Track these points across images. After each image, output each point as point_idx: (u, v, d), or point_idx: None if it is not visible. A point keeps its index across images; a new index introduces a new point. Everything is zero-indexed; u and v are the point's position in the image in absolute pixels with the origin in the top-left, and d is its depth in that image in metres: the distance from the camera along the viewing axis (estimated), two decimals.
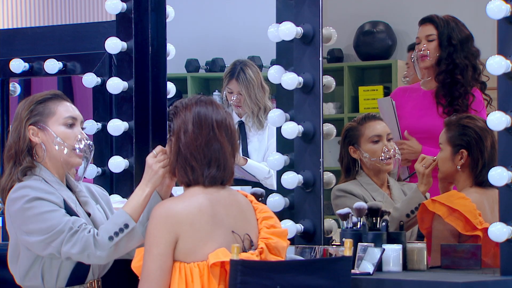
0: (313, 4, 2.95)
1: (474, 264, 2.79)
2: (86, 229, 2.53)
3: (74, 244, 2.50)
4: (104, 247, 2.51)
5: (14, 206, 2.57)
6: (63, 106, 2.67)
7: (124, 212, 2.54)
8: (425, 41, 3.53)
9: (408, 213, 3.13)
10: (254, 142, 4.23)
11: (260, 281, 2.35)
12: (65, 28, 3.86)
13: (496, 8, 2.60)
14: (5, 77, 3.61)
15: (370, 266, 2.68)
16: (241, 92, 4.20)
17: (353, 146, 3.37)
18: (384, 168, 3.36)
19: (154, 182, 2.55)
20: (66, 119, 2.66)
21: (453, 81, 3.49)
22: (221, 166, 2.47)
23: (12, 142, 2.65)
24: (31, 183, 2.59)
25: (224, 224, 2.46)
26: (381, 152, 3.34)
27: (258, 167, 4.10)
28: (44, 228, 2.52)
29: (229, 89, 4.23)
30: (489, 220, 2.95)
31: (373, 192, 3.32)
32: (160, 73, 3.36)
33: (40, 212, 2.53)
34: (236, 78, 4.20)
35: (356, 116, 3.46)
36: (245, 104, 4.19)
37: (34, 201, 2.54)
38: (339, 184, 3.35)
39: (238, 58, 4.61)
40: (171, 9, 3.41)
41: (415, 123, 3.57)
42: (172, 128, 2.50)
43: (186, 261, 2.42)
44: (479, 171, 3.07)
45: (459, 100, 3.47)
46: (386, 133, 3.38)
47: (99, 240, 2.51)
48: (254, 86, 4.19)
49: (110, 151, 3.38)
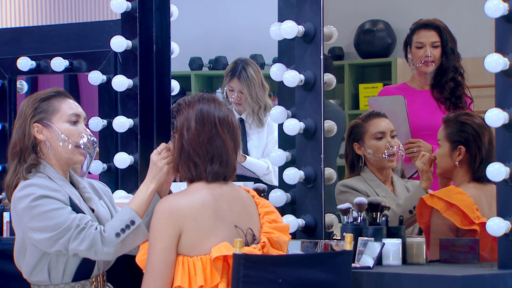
0: (314, 3, 2.96)
1: (472, 258, 2.80)
2: (93, 226, 2.54)
3: (82, 241, 2.51)
4: (111, 243, 2.52)
5: (21, 204, 2.57)
6: (66, 104, 2.68)
7: (130, 209, 2.55)
8: (429, 47, 3.67)
9: (411, 209, 3.16)
10: (254, 139, 4.24)
11: (262, 275, 2.37)
12: (71, 27, 3.89)
13: (494, 7, 2.62)
14: (12, 75, 3.62)
15: (370, 260, 2.69)
16: (242, 91, 4.20)
17: (358, 143, 3.39)
18: (387, 165, 3.39)
19: (159, 178, 2.56)
20: (70, 116, 2.66)
21: (455, 83, 3.66)
22: (223, 162, 2.49)
23: (16, 139, 2.65)
24: (37, 181, 2.60)
25: (227, 219, 2.48)
26: (384, 149, 3.37)
27: (257, 164, 4.13)
28: (51, 226, 2.53)
29: (230, 87, 4.24)
30: (486, 215, 2.97)
31: (377, 188, 3.35)
32: (164, 71, 3.38)
33: (47, 210, 2.54)
34: (238, 77, 4.20)
35: (357, 113, 3.50)
36: (246, 102, 4.20)
37: (41, 199, 2.55)
38: (343, 180, 3.39)
39: (240, 56, 4.63)
40: (175, 8, 3.42)
41: (420, 121, 3.63)
42: (175, 125, 2.52)
43: (189, 254, 2.44)
44: (477, 167, 3.09)
45: (460, 99, 3.65)
46: (389, 130, 3.42)
47: (106, 236, 2.52)
48: (255, 84, 4.21)
49: (115, 147, 3.39)
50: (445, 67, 3.68)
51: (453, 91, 3.67)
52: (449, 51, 3.66)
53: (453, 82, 3.67)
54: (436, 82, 3.70)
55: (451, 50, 3.67)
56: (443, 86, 3.68)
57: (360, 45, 5.71)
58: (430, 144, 3.57)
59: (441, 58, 3.68)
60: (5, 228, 3.46)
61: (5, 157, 2.81)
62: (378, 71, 5.79)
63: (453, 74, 3.68)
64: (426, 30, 3.70)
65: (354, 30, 5.73)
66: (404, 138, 3.60)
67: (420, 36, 3.69)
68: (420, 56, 3.68)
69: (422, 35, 3.69)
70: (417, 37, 3.70)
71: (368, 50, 5.68)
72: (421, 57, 3.68)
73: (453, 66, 3.67)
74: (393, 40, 5.69)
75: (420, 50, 3.68)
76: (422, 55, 3.68)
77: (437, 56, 3.67)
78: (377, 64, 5.75)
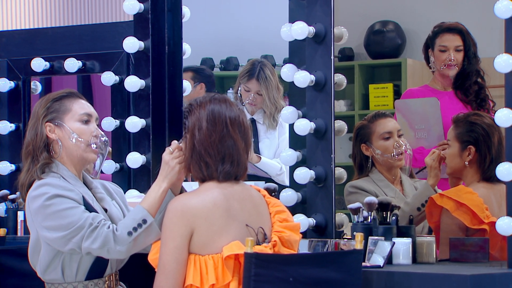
0: (325, 4, 2.97)
1: (482, 257, 2.80)
2: (106, 225, 2.55)
3: (95, 240, 2.53)
4: (123, 242, 2.53)
5: (35, 203, 2.59)
6: (78, 104, 2.70)
7: (142, 208, 2.56)
8: (453, 51, 3.74)
9: (419, 207, 3.17)
10: (266, 140, 4.25)
11: (273, 273, 2.38)
12: (85, 28, 3.89)
13: (504, 8, 2.64)
14: (26, 76, 3.65)
15: (381, 259, 2.70)
16: (260, 92, 4.18)
17: (365, 144, 3.40)
18: (396, 164, 3.40)
19: (171, 178, 2.58)
20: (81, 116, 2.68)
21: (479, 86, 3.74)
22: (234, 162, 2.51)
23: (29, 139, 2.68)
24: (50, 180, 2.62)
25: (238, 218, 2.49)
26: (392, 148, 3.38)
27: (271, 165, 4.14)
28: (65, 225, 2.55)
29: (247, 88, 4.23)
30: (496, 214, 2.98)
31: (385, 188, 3.35)
32: (176, 71, 3.40)
33: (60, 209, 2.56)
34: (256, 78, 4.19)
35: (367, 113, 3.51)
36: (264, 104, 4.19)
37: (54, 198, 2.57)
38: (352, 181, 3.40)
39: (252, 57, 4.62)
40: (187, 9, 3.44)
41: (448, 121, 3.65)
42: (187, 125, 2.54)
43: (201, 253, 2.46)
44: (487, 167, 3.10)
45: (485, 101, 3.73)
46: (396, 130, 3.43)
47: (118, 235, 2.53)
48: (273, 86, 4.21)
49: (127, 147, 3.42)
50: (467, 71, 3.75)
51: (478, 93, 3.74)
52: (472, 55, 3.74)
53: (477, 85, 3.74)
54: (459, 84, 3.76)
55: (473, 54, 3.74)
56: (467, 89, 3.76)
57: (370, 46, 5.72)
58: None
59: (463, 62, 3.74)
60: (20, 227, 3.50)
61: (19, 157, 2.84)
62: (388, 71, 5.79)
63: (476, 77, 3.75)
64: (450, 34, 3.76)
65: (364, 31, 5.74)
66: (437, 139, 3.64)
67: (444, 40, 3.76)
68: (443, 59, 3.76)
69: (446, 38, 3.75)
70: (440, 41, 3.76)
71: (378, 51, 5.69)
72: (445, 60, 3.75)
73: (476, 70, 3.74)
74: (403, 40, 5.69)
75: (444, 53, 3.76)
76: (445, 58, 3.75)
77: (460, 60, 3.74)
78: (387, 65, 5.76)
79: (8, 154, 3.66)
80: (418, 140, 3.72)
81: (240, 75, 4.29)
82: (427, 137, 3.69)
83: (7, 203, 3.55)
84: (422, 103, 3.74)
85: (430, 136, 3.61)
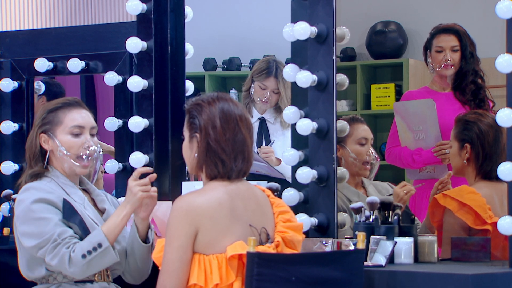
0: (327, 4, 2.97)
1: (484, 256, 2.80)
2: (67, 244, 2.59)
3: (54, 257, 2.58)
4: (77, 264, 2.57)
5: (18, 207, 2.67)
6: (71, 115, 2.74)
7: (101, 232, 2.61)
8: (449, 51, 3.77)
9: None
10: (278, 139, 4.23)
11: (276, 273, 2.38)
12: (88, 29, 3.90)
13: (505, 8, 2.64)
14: (30, 76, 3.66)
15: (382, 259, 2.71)
16: (276, 90, 4.15)
17: (339, 145, 3.36)
18: (363, 173, 3.39)
19: (133, 204, 2.64)
20: (71, 129, 2.72)
21: (476, 86, 3.75)
22: (245, 158, 2.52)
23: (27, 147, 2.76)
24: (36, 184, 2.68)
25: (242, 218, 2.49)
26: (365, 156, 3.38)
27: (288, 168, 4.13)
28: (37, 233, 2.60)
29: (263, 85, 4.17)
30: (498, 213, 2.98)
31: (348, 192, 3.35)
32: (179, 71, 3.41)
33: (37, 217, 2.62)
34: (274, 76, 4.15)
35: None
36: (281, 102, 4.15)
37: (35, 204, 2.62)
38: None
39: (254, 57, 4.63)
40: (189, 10, 3.45)
41: (447, 122, 3.66)
42: (198, 124, 2.52)
43: (205, 253, 2.46)
44: (480, 164, 3.11)
45: (484, 101, 3.75)
46: (371, 138, 3.44)
47: (73, 257, 2.57)
48: (289, 85, 4.22)
49: (130, 147, 3.43)
50: (464, 70, 3.77)
51: (475, 93, 3.76)
52: (468, 55, 3.76)
53: (474, 85, 3.76)
54: (457, 84, 3.79)
55: (470, 54, 3.76)
56: (464, 89, 3.78)
57: (372, 46, 5.74)
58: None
59: (461, 62, 3.77)
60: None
61: (22, 157, 2.87)
62: (389, 71, 5.81)
63: (473, 77, 3.77)
64: (446, 34, 3.80)
65: (366, 31, 5.75)
66: (434, 140, 3.66)
67: (440, 41, 3.79)
68: (440, 60, 3.79)
69: (442, 39, 3.79)
70: (437, 42, 3.80)
71: (380, 51, 5.71)
72: (441, 61, 3.78)
73: (473, 69, 3.76)
74: (405, 41, 5.71)
75: (440, 54, 3.79)
76: (442, 59, 3.78)
77: (457, 60, 3.77)
78: (389, 65, 5.77)
79: (11, 154, 3.67)
80: (416, 142, 3.74)
81: (255, 73, 4.22)
82: (425, 138, 3.71)
83: (10, 202, 3.56)
84: (419, 104, 3.76)
85: (428, 137, 3.63)
